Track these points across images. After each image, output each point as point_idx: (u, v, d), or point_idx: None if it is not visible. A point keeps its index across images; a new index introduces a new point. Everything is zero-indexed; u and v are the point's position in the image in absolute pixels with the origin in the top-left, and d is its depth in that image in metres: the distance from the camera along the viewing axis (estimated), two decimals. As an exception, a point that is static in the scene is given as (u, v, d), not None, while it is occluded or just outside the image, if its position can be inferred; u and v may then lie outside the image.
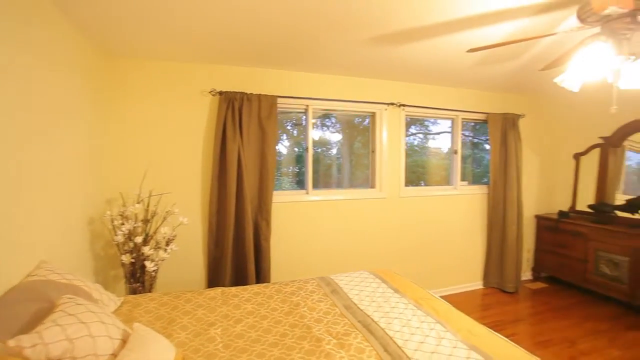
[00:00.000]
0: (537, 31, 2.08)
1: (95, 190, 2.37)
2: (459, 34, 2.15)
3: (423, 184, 3.83)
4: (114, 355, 1.11)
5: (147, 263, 2.26)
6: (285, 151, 3.38)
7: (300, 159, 3.35)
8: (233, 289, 2.06)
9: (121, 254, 2.26)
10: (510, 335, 2.85)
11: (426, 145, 3.96)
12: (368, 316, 1.69)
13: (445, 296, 3.64)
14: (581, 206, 3.91)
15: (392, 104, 3.31)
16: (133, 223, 2.30)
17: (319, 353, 1.39)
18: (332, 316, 1.72)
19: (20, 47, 1.50)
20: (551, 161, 4.26)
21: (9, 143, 1.43)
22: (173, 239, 2.44)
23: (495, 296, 3.65)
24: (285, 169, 3.38)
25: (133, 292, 2.30)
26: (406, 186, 3.55)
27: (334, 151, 3.55)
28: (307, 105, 3.11)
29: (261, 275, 2.92)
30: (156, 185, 2.58)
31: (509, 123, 3.68)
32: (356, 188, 3.46)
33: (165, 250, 2.37)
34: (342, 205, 3.24)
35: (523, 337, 2.84)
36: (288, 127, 3.39)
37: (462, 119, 3.74)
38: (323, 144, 3.47)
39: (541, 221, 4.07)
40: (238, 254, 2.85)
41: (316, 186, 3.32)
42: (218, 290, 2.05)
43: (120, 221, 2.27)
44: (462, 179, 3.85)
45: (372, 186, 3.40)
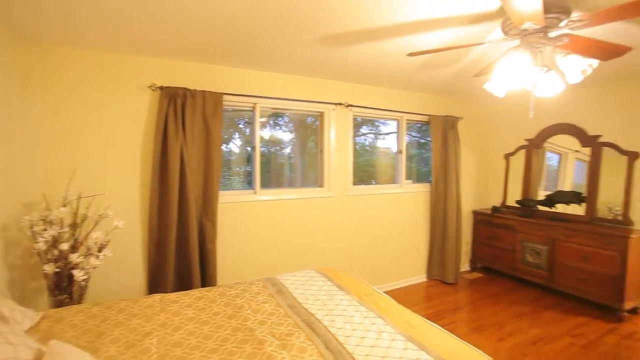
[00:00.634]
0: (470, 40, 2.24)
1: (9, 192, 2.10)
2: (401, 39, 2.25)
3: (374, 183, 3.95)
4: (25, 377, 1.00)
5: (76, 272, 2.06)
6: (237, 150, 3.28)
7: (252, 158, 3.28)
8: (173, 295, 1.96)
9: (43, 263, 2.04)
10: (449, 323, 3.07)
11: (376, 145, 4.10)
12: (312, 315, 1.71)
13: (391, 290, 3.80)
14: (511, 202, 4.30)
15: (340, 104, 3.37)
16: (58, 229, 2.08)
17: (261, 356, 1.37)
18: (277, 317, 1.71)
19: None
20: (486, 161, 4.63)
21: None
22: (107, 245, 2.26)
23: (437, 288, 3.88)
24: (237, 169, 3.29)
25: (59, 305, 2.08)
26: (356, 185, 3.64)
27: (288, 150, 3.53)
28: (255, 103, 3.06)
29: (207, 278, 2.81)
30: (87, 186, 2.37)
31: (449, 125, 3.93)
32: (308, 187, 3.47)
33: (97, 257, 2.18)
34: (292, 204, 3.23)
35: (460, 324, 3.05)
36: (240, 126, 3.30)
37: (407, 120, 3.92)
38: (276, 143, 3.44)
39: (477, 216, 4.41)
40: (182, 258, 2.72)
41: (268, 185, 3.28)
42: (156, 297, 1.94)
43: (42, 227, 2.05)
44: (408, 178, 4.04)
45: (321, 185, 3.44)
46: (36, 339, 1.25)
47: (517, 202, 4.09)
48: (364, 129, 4.00)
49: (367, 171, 3.97)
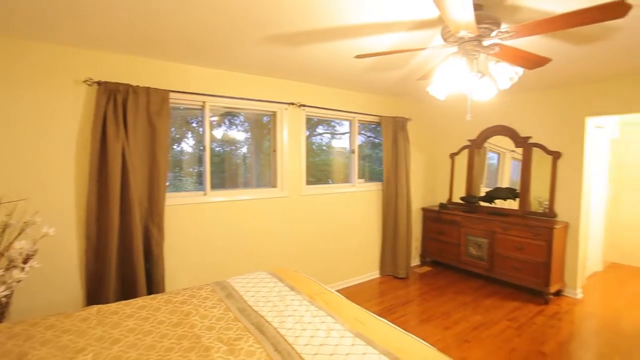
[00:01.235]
0: (414, 45, 2.35)
1: None
2: (349, 41, 2.29)
3: (331, 182, 4.00)
4: None
5: (-5, 287, 1.84)
6: (190, 150, 3.14)
7: (202, 159, 3.16)
8: (113, 306, 1.83)
9: (-45, 279, 1.80)
10: (401, 316, 3.20)
11: (332, 145, 4.14)
12: (262, 317, 1.69)
13: (346, 288, 3.88)
14: (456, 198, 4.58)
15: (293, 104, 3.37)
16: (-28, 239, 1.85)
17: (207, 363, 1.32)
18: (225, 322, 1.66)
19: None
20: (433, 160, 4.89)
21: None
22: (34, 255, 2.05)
23: (389, 283, 4.02)
24: (190, 169, 3.15)
25: (-25, 324, 1.85)
26: (312, 184, 3.67)
27: (244, 150, 3.45)
28: (204, 102, 2.95)
29: (154, 285, 2.66)
30: (9, 190, 2.13)
31: (399, 125, 4.09)
32: (263, 188, 3.42)
33: (22, 269, 1.97)
34: (245, 205, 3.17)
35: (411, 317, 3.19)
36: (194, 125, 3.16)
37: (359, 121, 4.02)
38: (232, 143, 3.35)
39: (426, 213, 4.65)
40: (125, 265, 2.55)
41: (223, 186, 3.19)
42: (93, 309, 1.79)
43: (-48, 237, 1.81)
44: (361, 177, 4.14)
45: (274, 185, 3.41)
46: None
47: (462, 199, 4.37)
48: (320, 129, 4.03)
49: (325, 170, 4.01)
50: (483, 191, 4.38)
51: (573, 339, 2.79)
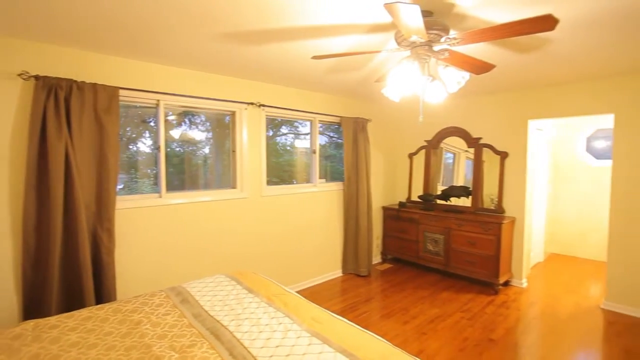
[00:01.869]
0: (370, 48, 2.40)
1: None
2: (307, 41, 2.30)
3: (295, 182, 3.99)
4: None
5: None
6: (148, 150, 2.97)
7: (166, 159, 3.03)
8: (52, 319, 1.69)
9: None
10: (362, 313, 3.26)
11: (296, 145, 4.13)
12: (218, 321, 1.64)
13: (309, 287, 3.89)
14: (415, 197, 4.76)
15: (252, 104, 3.32)
16: None
17: (157, 373, 1.27)
18: (179, 329, 1.60)
19: None
20: (393, 160, 5.05)
21: None
22: (-41, 267, 1.84)
23: (351, 281, 4.09)
24: (147, 170, 2.99)
25: None
26: (276, 185, 3.65)
27: (206, 150, 3.34)
28: (158, 100, 2.82)
29: (103, 295, 2.50)
30: None
31: (359, 126, 4.17)
32: (222, 189, 3.33)
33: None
34: (203, 207, 3.07)
35: (372, 313, 3.26)
36: (152, 124, 3.00)
37: (320, 121, 4.04)
38: (192, 143, 3.23)
39: (386, 211, 4.78)
40: (69, 275, 2.37)
41: (183, 188, 3.07)
42: (29, 324, 1.65)
43: None
44: (323, 177, 4.18)
45: (234, 186, 3.34)
46: None
47: (419, 197, 4.55)
48: (284, 129, 4.01)
49: (289, 171, 4.00)
50: (440, 190, 4.58)
51: (518, 325, 3.01)
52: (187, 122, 3.20)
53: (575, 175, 5.14)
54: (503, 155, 3.96)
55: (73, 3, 1.72)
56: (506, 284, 3.89)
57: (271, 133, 3.89)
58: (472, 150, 4.20)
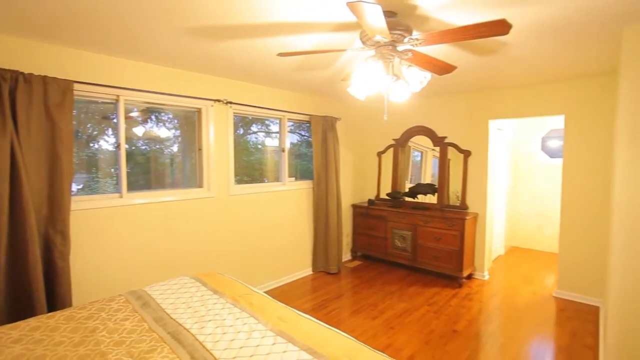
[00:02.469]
0: (336, 46, 2.41)
1: None
2: (273, 39, 2.27)
3: (267, 181, 3.94)
4: None
5: None
6: (111, 148, 2.81)
7: (130, 157, 2.89)
8: (-5, 330, 1.57)
9: None
10: (332, 310, 3.28)
11: (267, 143, 4.07)
12: (180, 325, 1.59)
13: (279, 286, 3.87)
14: (384, 195, 4.85)
15: (219, 101, 3.24)
16: None
17: (112, 382, 1.21)
18: (138, 334, 1.53)
19: None
20: (362, 158, 5.12)
21: None
22: None
23: (322, 279, 4.11)
24: (110, 169, 2.83)
25: None
26: (247, 183, 3.60)
27: (174, 149, 3.21)
28: (118, 95, 2.68)
29: (57, 302, 2.35)
30: None
31: (329, 125, 4.19)
32: (188, 188, 3.22)
33: None
34: (168, 207, 2.96)
35: (342, 310, 3.29)
36: (114, 121, 2.84)
37: (289, 119, 4.02)
38: (159, 141, 3.10)
39: (356, 209, 4.84)
40: (17, 283, 2.20)
41: (149, 187, 2.96)
42: (-34, 337, 1.52)
43: None
44: (293, 175, 4.16)
45: (200, 185, 3.25)
46: None
47: (388, 195, 4.64)
48: (255, 127, 3.95)
49: (260, 170, 3.95)
50: (408, 187, 4.70)
51: (480, 315, 3.15)
52: (154, 120, 3.07)
53: (532, 172, 5.45)
54: (466, 153, 4.12)
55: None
56: (469, 277, 4.06)
57: (242, 131, 3.83)
58: (438, 148, 4.34)
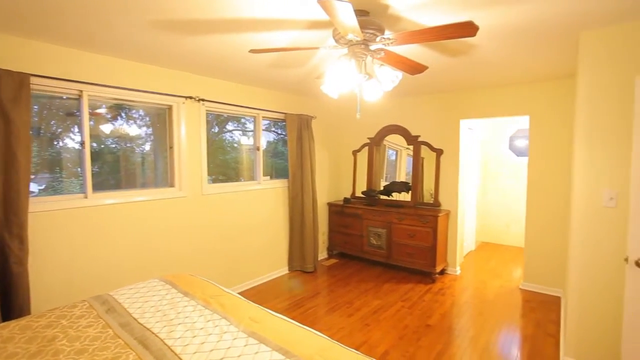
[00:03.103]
0: (310, 44, 2.40)
1: None
2: (246, 35, 2.23)
3: (243, 180, 3.87)
4: None
5: None
6: (77, 146, 2.66)
7: (98, 156, 2.76)
8: (-62, 344, 1.45)
9: None
10: (309, 309, 3.28)
11: (243, 142, 4.00)
12: (148, 329, 1.53)
13: (255, 286, 3.82)
14: (359, 193, 4.89)
15: (191, 98, 3.15)
16: None
17: (72, 392, 1.14)
18: (102, 341, 1.46)
19: None
20: (338, 156, 5.14)
21: None
22: None
23: (298, 278, 4.10)
24: (76, 169, 2.67)
25: None
26: (221, 182, 3.53)
27: (146, 147, 3.09)
28: (81, 90, 2.55)
29: (14, 311, 2.21)
30: None
31: (304, 123, 4.17)
32: (159, 188, 3.11)
33: None
34: (137, 208, 2.85)
35: (318, 309, 3.29)
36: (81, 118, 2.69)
37: (264, 117, 3.97)
38: (130, 140, 2.97)
39: (332, 207, 4.86)
40: (-33, 290, 2.05)
41: (119, 187, 2.85)
42: None
43: None
44: (269, 174, 4.12)
45: (172, 185, 3.15)
46: None
47: (363, 193, 4.69)
48: (230, 126, 3.87)
49: (235, 168, 3.88)
50: (383, 185, 4.77)
51: (452, 309, 3.24)
52: (124, 117, 2.94)
53: (500, 171, 5.68)
54: (439, 152, 4.23)
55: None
56: (442, 273, 4.18)
57: (217, 130, 3.74)
58: (412, 147, 4.43)
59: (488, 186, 5.79)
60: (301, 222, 4.19)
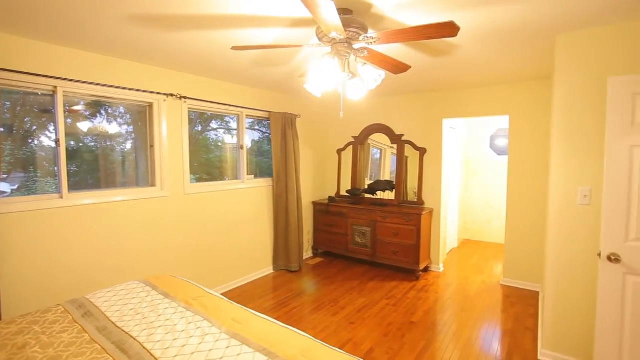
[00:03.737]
0: (293, 42, 2.39)
1: None
2: (228, 31, 2.19)
3: (227, 179, 3.82)
4: None
5: None
6: (54, 145, 2.56)
7: (76, 155, 2.66)
8: None
9: None
10: (293, 308, 3.26)
11: (227, 141, 3.94)
12: (126, 333, 1.49)
13: (239, 287, 3.78)
14: (344, 192, 4.90)
15: (172, 95, 3.07)
16: None
17: (44, 401, 1.10)
18: (77, 347, 1.41)
19: None
20: (322, 155, 5.13)
21: None
22: None
23: (283, 277, 4.08)
24: (53, 168, 2.57)
25: None
26: (205, 182, 3.47)
27: (128, 146, 2.99)
28: (55, 86, 2.45)
29: (-17, 316, 2.11)
30: None
31: (288, 121, 4.14)
32: (140, 187, 3.03)
33: None
34: (117, 208, 2.76)
35: (303, 308, 3.28)
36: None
37: (247, 116, 3.93)
38: (111, 138, 2.87)
39: (316, 206, 4.85)
40: None
41: (98, 187, 2.77)
42: None
43: None
44: (253, 173, 4.07)
45: (153, 184, 3.07)
46: None
47: (347, 192, 4.70)
48: (214, 124, 3.80)
49: (220, 167, 3.81)
50: (367, 184, 4.79)
51: (436, 306, 3.29)
52: (104, 114, 2.85)
53: (481, 169, 5.80)
54: (422, 151, 4.28)
55: None
56: (426, 270, 4.24)
57: (200, 128, 3.67)
58: (396, 146, 4.47)
59: (470, 185, 5.91)
60: (286, 221, 4.17)
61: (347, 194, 4.73)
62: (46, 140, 2.57)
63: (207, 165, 3.67)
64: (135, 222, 2.88)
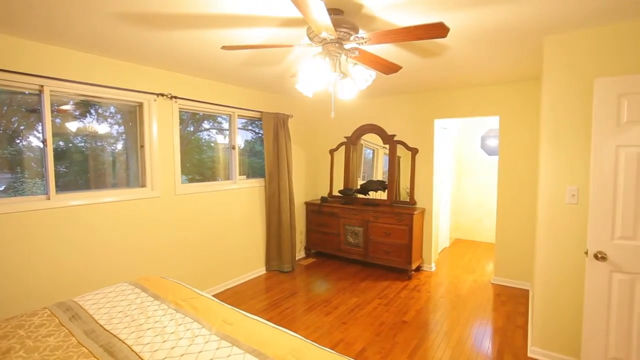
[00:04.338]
0: (284, 42, 2.38)
1: None
2: (219, 31, 2.18)
3: (220, 179, 3.79)
4: None
5: None
6: (42, 145, 2.51)
7: (65, 155, 2.62)
8: None
9: None
10: (286, 309, 3.26)
11: (219, 141, 3.91)
12: (114, 336, 1.47)
13: (231, 288, 3.76)
14: (336, 192, 4.91)
15: (163, 95, 3.04)
16: None
17: (29, 406, 1.07)
18: (64, 350, 1.38)
19: None
20: (314, 155, 5.13)
21: None
22: None
23: (275, 278, 4.06)
24: (41, 168, 2.52)
25: None
26: (197, 182, 3.45)
27: (119, 146, 2.95)
28: (42, 85, 2.41)
29: (-32, 320, 2.06)
30: None
31: (280, 122, 4.13)
32: (131, 188, 2.99)
33: None
34: (106, 209, 2.72)
35: (296, 308, 3.28)
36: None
37: (239, 116, 3.91)
38: (101, 138, 2.83)
39: (309, 206, 4.85)
40: None
41: (88, 188, 2.74)
42: None
43: None
44: (245, 173, 4.05)
45: (143, 185, 3.04)
46: None
47: (340, 192, 4.71)
48: (207, 124, 3.77)
49: (212, 168, 3.79)
50: (360, 184, 4.80)
51: (428, 305, 3.31)
52: (94, 114, 2.80)
53: (473, 169, 5.86)
54: (414, 151, 4.30)
55: None
56: (418, 269, 4.26)
57: (192, 128, 3.64)
58: (388, 146, 4.48)
59: (461, 185, 5.96)
60: (278, 222, 4.16)
61: (340, 194, 4.73)
62: (34, 140, 2.53)
63: (199, 165, 3.65)
64: (125, 223, 2.84)
